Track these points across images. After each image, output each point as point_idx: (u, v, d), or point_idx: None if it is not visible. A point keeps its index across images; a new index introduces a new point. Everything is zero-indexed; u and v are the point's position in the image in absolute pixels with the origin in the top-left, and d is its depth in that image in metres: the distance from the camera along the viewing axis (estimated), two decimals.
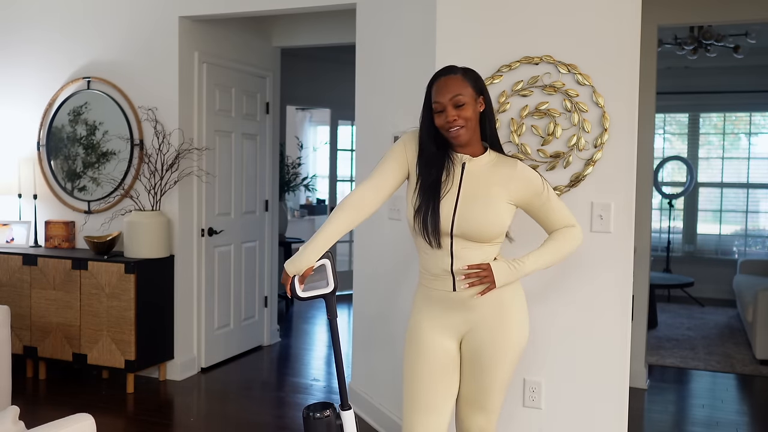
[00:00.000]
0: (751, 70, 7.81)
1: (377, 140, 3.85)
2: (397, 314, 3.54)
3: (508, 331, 2.28)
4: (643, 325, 4.58)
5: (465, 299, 2.27)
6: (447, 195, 2.24)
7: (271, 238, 5.60)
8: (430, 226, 2.22)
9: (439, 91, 2.21)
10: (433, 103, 2.22)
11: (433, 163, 2.25)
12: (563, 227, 2.34)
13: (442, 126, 2.21)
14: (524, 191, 2.27)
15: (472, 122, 2.21)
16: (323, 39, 5.34)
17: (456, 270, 2.24)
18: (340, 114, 7.81)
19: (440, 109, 2.20)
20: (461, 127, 2.19)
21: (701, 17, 4.60)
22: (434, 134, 2.26)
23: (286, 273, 2.21)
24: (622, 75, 2.82)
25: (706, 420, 4.11)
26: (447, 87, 2.20)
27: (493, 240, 2.25)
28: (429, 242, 2.25)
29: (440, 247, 2.25)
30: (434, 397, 2.30)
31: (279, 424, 3.97)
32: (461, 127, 2.19)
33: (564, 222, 2.33)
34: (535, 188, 2.28)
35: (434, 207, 2.22)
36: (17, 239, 4.84)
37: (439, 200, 2.23)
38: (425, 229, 2.23)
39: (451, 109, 2.18)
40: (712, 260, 8.39)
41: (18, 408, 1.82)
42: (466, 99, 2.19)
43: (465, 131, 2.20)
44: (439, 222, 2.22)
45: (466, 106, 2.19)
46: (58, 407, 4.10)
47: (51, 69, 4.89)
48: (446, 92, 2.19)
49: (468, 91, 2.20)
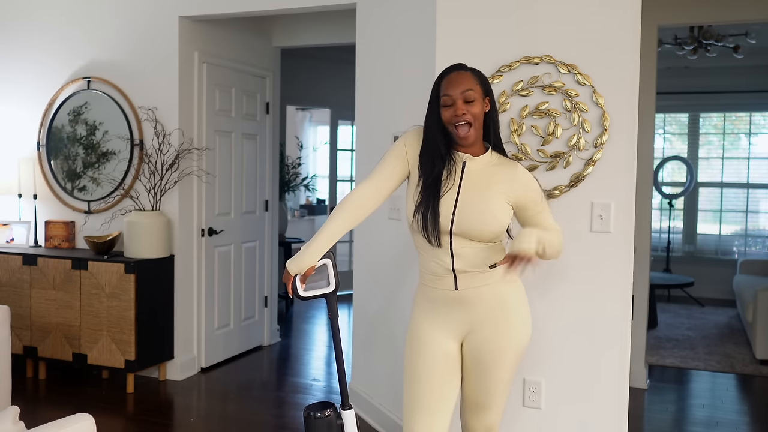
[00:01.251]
0: (751, 70, 7.81)
1: (377, 140, 3.85)
2: (398, 314, 3.54)
3: (509, 330, 2.27)
4: (643, 325, 4.58)
5: (466, 298, 2.27)
6: (447, 193, 2.24)
7: (271, 238, 5.60)
8: (430, 224, 2.23)
9: (451, 84, 2.21)
10: (443, 96, 2.21)
11: (435, 160, 2.25)
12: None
13: (450, 120, 2.21)
14: (523, 195, 2.26)
15: (479, 120, 2.22)
16: (323, 39, 5.34)
17: (458, 267, 2.24)
18: (340, 114, 7.81)
19: (450, 103, 2.20)
20: (468, 123, 2.19)
21: (701, 17, 4.60)
22: (441, 129, 2.25)
23: (288, 272, 2.22)
24: (622, 75, 2.82)
25: (706, 420, 4.11)
26: (459, 81, 2.20)
27: (493, 239, 2.25)
28: (429, 240, 2.25)
29: (440, 246, 2.25)
30: (435, 398, 2.29)
31: (279, 424, 3.97)
32: (468, 123, 2.19)
33: (552, 228, 2.31)
34: (533, 195, 2.28)
35: (434, 205, 2.22)
36: (17, 239, 4.84)
37: (440, 198, 2.23)
38: (425, 227, 2.23)
39: (461, 103, 2.19)
40: (712, 260, 8.38)
41: (18, 408, 1.82)
42: (475, 95, 2.19)
43: (472, 129, 2.20)
44: (439, 220, 2.22)
45: (475, 102, 2.19)
46: (58, 407, 4.10)
47: (51, 69, 4.89)
48: (458, 85, 2.19)
49: (478, 88, 2.21)
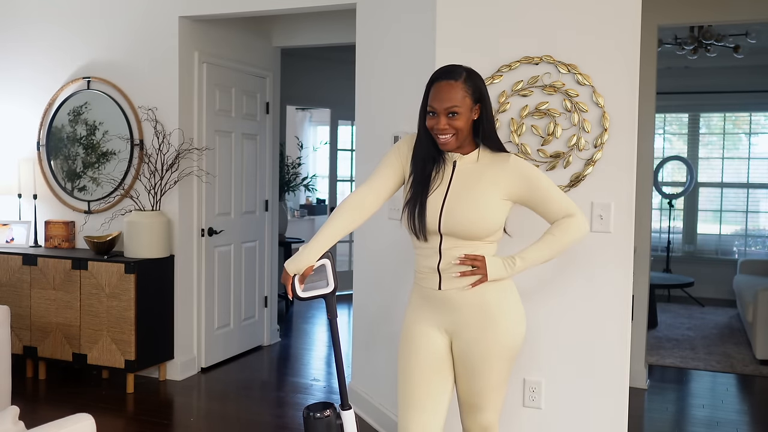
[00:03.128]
0: (751, 70, 7.81)
1: (377, 140, 3.84)
2: (397, 314, 3.54)
3: (494, 332, 2.25)
4: (643, 325, 4.58)
5: (450, 299, 2.26)
6: (435, 192, 2.25)
7: (271, 238, 5.60)
8: (417, 221, 2.24)
9: (436, 97, 2.19)
10: (428, 105, 2.22)
11: (426, 159, 2.27)
12: (563, 217, 2.26)
13: (432, 128, 2.22)
14: (517, 186, 2.23)
15: (463, 132, 2.21)
16: (323, 39, 5.34)
17: (443, 267, 2.24)
18: (340, 114, 7.81)
19: (433, 113, 2.21)
20: (451, 135, 2.20)
21: (701, 17, 4.60)
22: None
23: (287, 272, 2.23)
24: (622, 75, 2.82)
25: (706, 420, 4.11)
26: (445, 95, 2.18)
27: (484, 238, 2.23)
28: (416, 236, 2.27)
29: (427, 242, 2.26)
30: (428, 395, 2.30)
31: (279, 423, 3.97)
32: (451, 135, 2.20)
33: (563, 212, 2.25)
34: (528, 181, 2.23)
35: (422, 202, 2.24)
36: (17, 239, 4.84)
37: (427, 196, 2.24)
38: (412, 223, 2.25)
39: (443, 118, 2.18)
40: (712, 260, 8.38)
41: (18, 408, 1.82)
42: (461, 110, 2.18)
43: (454, 139, 2.21)
44: (425, 218, 2.23)
45: (459, 116, 2.18)
46: (58, 407, 4.10)
47: (51, 69, 4.89)
48: (443, 100, 2.18)
49: (466, 101, 2.18)
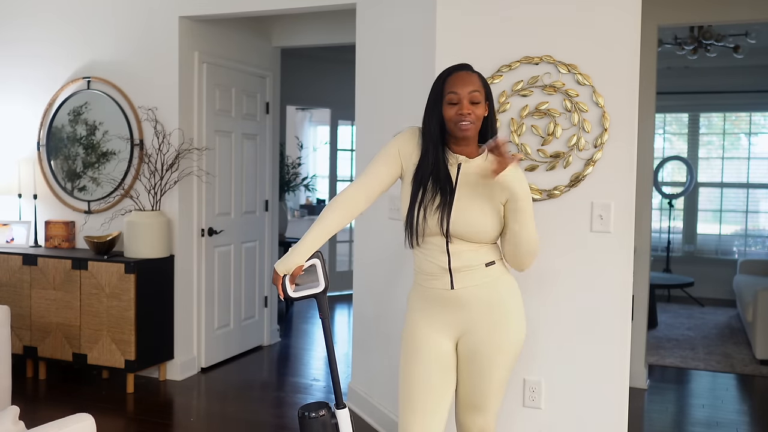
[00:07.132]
0: (751, 70, 7.81)
1: (377, 140, 3.83)
2: (397, 314, 3.54)
3: (505, 330, 2.27)
4: (643, 325, 4.58)
5: (462, 298, 2.26)
6: (442, 195, 2.23)
7: (271, 238, 5.60)
8: (422, 225, 2.23)
9: (458, 83, 2.20)
10: (449, 93, 2.20)
11: (432, 160, 2.24)
12: None
13: (452, 118, 2.19)
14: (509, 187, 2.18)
15: (478, 125, 2.22)
16: (323, 39, 5.34)
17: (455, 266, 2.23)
18: (340, 114, 7.81)
19: (455, 101, 2.19)
20: (471, 123, 2.19)
21: (701, 17, 4.60)
22: (440, 129, 2.23)
23: (276, 273, 2.22)
24: (622, 75, 2.82)
25: (706, 420, 4.11)
26: (467, 80, 2.20)
27: (490, 240, 2.25)
28: (416, 242, 2.27)
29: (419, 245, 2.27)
30: (430, 398, 2.29)
31: (279, 423, 3.97)
32: (472, 122, 2.19)
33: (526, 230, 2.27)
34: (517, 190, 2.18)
35: (428, 206, 2.23)
36: (17, 239, 4.84)
37: (434, 200, 2.23)
38: (415, 228, 2.24)
39: (467, 103, 2.18)
40: (712, 260, 8.38)
41: (18, 408, 1.82)
42: (480, 98, 2.20)
43: (473, 127, 2.20)
44: (433, 222, 2.22)
45: (479, 105, 2.20)
46: (58, 407, 4.10)
47: (51, 69, 4.89)
48: (466, 85, 2.19)
49: (482, 91, 2.22)
